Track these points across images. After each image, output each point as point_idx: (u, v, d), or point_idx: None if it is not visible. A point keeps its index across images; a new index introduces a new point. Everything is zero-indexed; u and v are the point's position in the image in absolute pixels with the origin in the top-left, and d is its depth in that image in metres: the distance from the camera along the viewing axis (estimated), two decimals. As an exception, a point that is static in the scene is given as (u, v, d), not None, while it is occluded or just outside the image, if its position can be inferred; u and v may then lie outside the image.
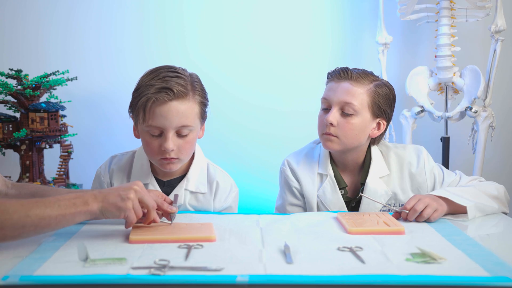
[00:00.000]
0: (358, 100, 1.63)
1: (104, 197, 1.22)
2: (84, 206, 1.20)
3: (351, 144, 1.67)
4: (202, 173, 1.65)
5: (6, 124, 2.56)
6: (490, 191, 1.60)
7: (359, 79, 1.65)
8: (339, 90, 1.65)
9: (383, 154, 1.75)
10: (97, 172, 1.69)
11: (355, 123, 1.64)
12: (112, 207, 1.22)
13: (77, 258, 1.11)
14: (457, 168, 2.83)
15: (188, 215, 1.53)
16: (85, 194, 1.22)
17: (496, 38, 2.57)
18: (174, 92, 1.46)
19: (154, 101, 1.46)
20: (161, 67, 1.54)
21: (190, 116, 1.50)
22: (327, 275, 1.04)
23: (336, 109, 1.65)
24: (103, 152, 2.84)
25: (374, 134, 1.69)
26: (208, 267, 1.07)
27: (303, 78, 2.88)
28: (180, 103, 1.47)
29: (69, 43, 2.85)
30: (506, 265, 1.10)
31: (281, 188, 1.81)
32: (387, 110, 1.68)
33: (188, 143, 1.52)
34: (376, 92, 1.65)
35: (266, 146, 2.86)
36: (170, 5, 2.87)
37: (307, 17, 2.90)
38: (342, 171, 1.75)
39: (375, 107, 1.65)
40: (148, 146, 1.53)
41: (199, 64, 2.77)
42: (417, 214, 1.45)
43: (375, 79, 1.68)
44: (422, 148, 1.74)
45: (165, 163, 1.53)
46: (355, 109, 1.63)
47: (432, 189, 1.69)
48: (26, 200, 1.18)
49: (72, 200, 1.20)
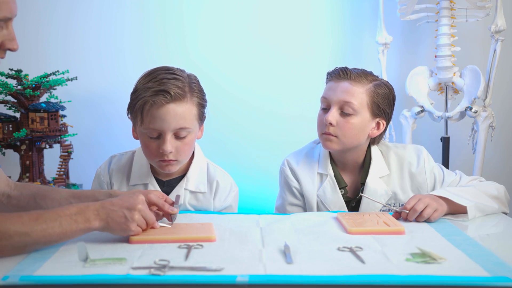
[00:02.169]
0: (358, 100, 1.63)
1: (107, 215, 1.21)
2: (86, 223, 1.19)
3: (351, 144, 1.67)
4: (201, 172, 1.65)
5: (6, 124, 2.56)
6: (490, 191, 1.60)
7: (358, 78, 1.65)
8: (338, 89, 1.65)
9: (383, 154, 1.75)
10: (96, 172, 1.69)
11: (354, 122, 1.64)
12: (116, 227, 1.22)
13: (77, 258, 1.11)
14: (457, 168, 2.83)
15: (188, 215, 1.53)
16: (87, 210, 1.21)
17: (496, 38, 2.57)
18: (171, 95, 1.45)
19: (151, 104, 1.45)
20: (159, 68, 1.53)
21: (188, 118, 1.49)
22: (327, 275, 1.04)
23: (335, 108, 1.65)
24: (103, 152, 2.84)
25: (373, 133, 1.69)
26: (208, 267, 1.07)
27: (303, 78, 2.88)
28: (178, 106, 1.47)
29: (69, 43, 2.85)
30: (506, 265, 1.10)
31: (281, 188, 1.80)
32: (386, 109, 1.68)
33: (187, 144, 1.52)
34: (375, 92, 1.65)
35: (266, 146, 2.86)
36: (170, 5, 2.87)
37: (307, 17, 2.90)
38: (342, 170, 1.75)
39: (374, 106, 1.65)
40: (146, 148, 1.53)
41: (199, 64, 2.77)
42: (417, 214, 1.45)
43: (375, 79, 1.68)
44: (422, 148, 1.74)
45: (163, 165, 1.53)
46: (355, 109, 1.63)
47: (432, 189, 1.69)
48: (26, 216, 1.15)
49: (73, 217, 1.18)
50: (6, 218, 1.14)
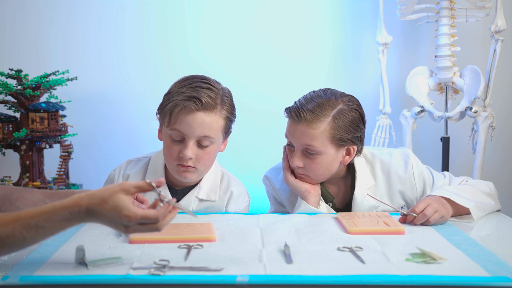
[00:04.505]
0: (318, 142, 1.54)
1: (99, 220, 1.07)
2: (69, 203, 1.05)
3: (324, 177, 1.62)
4: (215, 181, 1.65)
5: (6, 124, 2.56)
6: (483, 188, 1.60)
7: (314, 118, 1.54)
8: (297, 134, 1.57)
9: (368, 161, 1.68)
10: (110, 175, 1.69)
11: (321, 161, 1.57)
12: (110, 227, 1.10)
13: (77, 259, 1.11)
14: (457, 168, 2.84)
15: (188, 215, 1.54)
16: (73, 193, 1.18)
17: (496, 38, 2.57)
18: (202, 103, 1.48)
19: (182, 108, 1.49)
20: (196, 76, 1.57)
21: (213, 129, 1.51)
22: (327, 275, 1.04)
23: (299, 151, 1.59)
24: (103, 152, 2.85)
25: (345, 161, 1.61)
26: (208, 267, 1.07)
27: (303, 78, 2.87)
28: (206, 115, 1.50)
29: (69, 43, 2.85)
30: (506, 265, 1.10)
31: (269, 199, 1.79)
32: (353, 136, 1.58)
33: (207, 154, 1.54)
34: (335, 126, 1.55)
35: (266, 146, 2.86)
36: (170, 5, 2.87)
37: (307, 17, 2.90)
38: (326, 184, 1.68)
39: (337, 140, 1.56)
40: (168, 150, 1.54)
41: (200, 64, 2.77)
42: (426, 219, 1.41)
43: (333, 106, 1.55)
44: (409, 153, 1.68)
45: (181, 170, 1.54)
46: (317, 150, 1.56)
47: (422, 194, 1.64)
48: None
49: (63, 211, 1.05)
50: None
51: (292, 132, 1.60)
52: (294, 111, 1.58)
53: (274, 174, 1.75)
